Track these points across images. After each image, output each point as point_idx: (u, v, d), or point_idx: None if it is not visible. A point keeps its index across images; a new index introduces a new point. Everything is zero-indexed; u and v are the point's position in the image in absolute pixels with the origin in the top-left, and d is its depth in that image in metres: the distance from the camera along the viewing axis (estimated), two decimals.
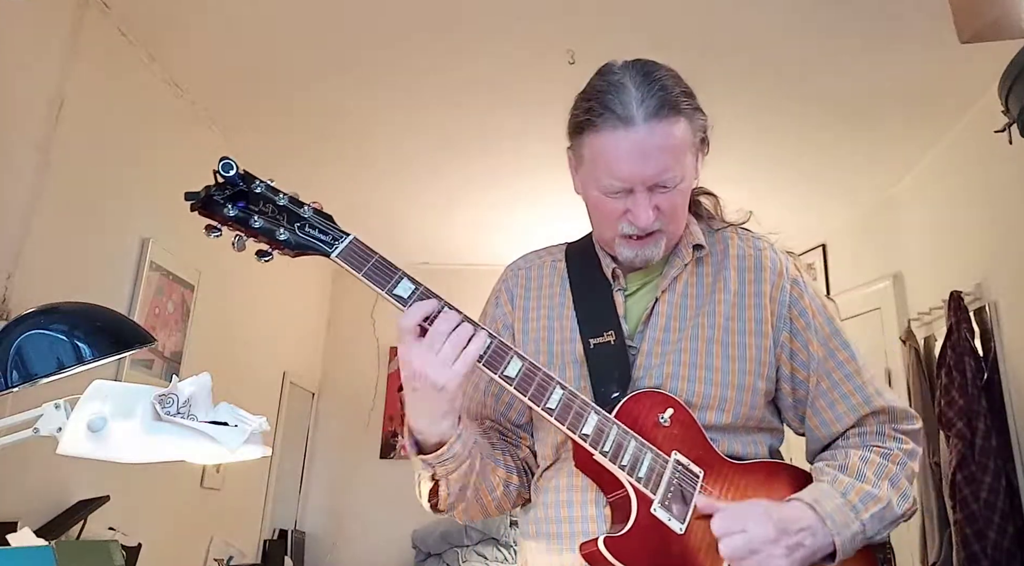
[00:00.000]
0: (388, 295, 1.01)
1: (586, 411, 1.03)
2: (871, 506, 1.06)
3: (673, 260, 1.18)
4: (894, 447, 1.13)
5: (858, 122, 3.16)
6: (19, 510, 2.21)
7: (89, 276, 2.58)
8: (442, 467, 1.05)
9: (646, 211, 1.07)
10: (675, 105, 1.07)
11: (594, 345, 1.14)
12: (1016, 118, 2.02)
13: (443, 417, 1.01)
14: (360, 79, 2.98)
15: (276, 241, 1.01)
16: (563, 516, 1.11)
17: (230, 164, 0.99)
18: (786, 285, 1.17)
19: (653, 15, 2.55)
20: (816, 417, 1.16)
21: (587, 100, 1.12)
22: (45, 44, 2.34)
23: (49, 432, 0.96)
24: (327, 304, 5.09)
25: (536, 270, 1.28)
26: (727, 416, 1.11)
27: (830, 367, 1.15)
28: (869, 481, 1.08)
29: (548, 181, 3.79)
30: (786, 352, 1.16)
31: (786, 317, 1.16)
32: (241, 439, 0.98)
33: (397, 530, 4.51)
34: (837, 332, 1.18)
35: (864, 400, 1.14)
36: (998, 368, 2.78)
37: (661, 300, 1.16)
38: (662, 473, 1.04)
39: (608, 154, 1.08)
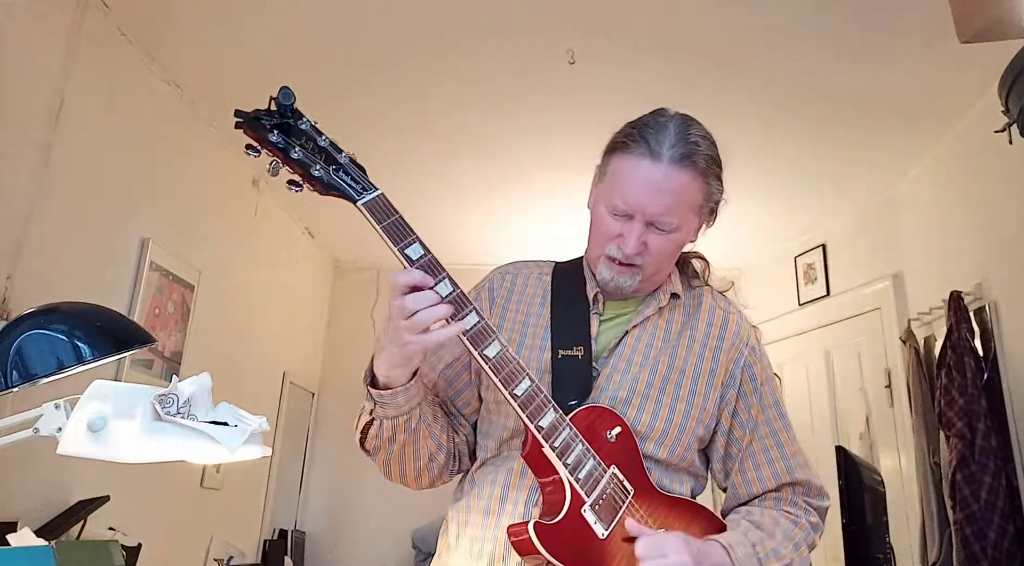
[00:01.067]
0: (399, 252, 1.06)
1: (546, 406, 1.11)
2: (774, 562, 1.16)
3: (650, 301, 1.29)
4: (803, 517, 1.24)
5: (858, 122, 3.16)
6: (19, 510, 2.21)
7: (89, 276, 2.58)
8: (380, 409, 1.13)
9: (636, 241, 1.17)
10: (697, 163, 1.17)
11: (562, 356, 1.22)
12: (1016, 118, 2.02)
13: (396, 366, 1.09)
14: (360, 80, 2.98)
15: (310, 175, 1.06)
16: (493, 509, 1.19)
17: (290, 94, 1.04)
18: (744, 349, 1.29)
19: (653, 16, 2.55)
20: (742, 475, 1.27)
21: (632, 128, 1.22)
22: (45, 44, 2.34)
23: (49, 432, 0.96)
24: (327, 304, 5.09)
25: (523, 278, 1.36)
26: (664, 451, 1.21)
27: (764, 432, 1.27)
28: (776, 539, 1.18)
29: (548, 182, 3.79)
30: (729, 409, 1.27)
31: (738, 377, 1.28)
32: (241, 439, 0.98)
33: (397, 530, 4.51)
34: (778, 403, 1.31)
35: (787, 469, 1.26)
36: (998, 368, 2.78)
37: (631, 333, 1.26)
38: (599, 480, 1.12)
39: (626, 176, 1.18)
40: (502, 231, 4.42)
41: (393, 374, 1.10)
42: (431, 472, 1.24)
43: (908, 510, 3.38)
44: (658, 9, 2.52)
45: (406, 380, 1.11)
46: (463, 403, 1.30)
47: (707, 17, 2.55)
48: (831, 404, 4.07)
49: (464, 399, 1.30)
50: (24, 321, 1.03)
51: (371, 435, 1.18)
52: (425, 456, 1.21)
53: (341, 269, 5.17)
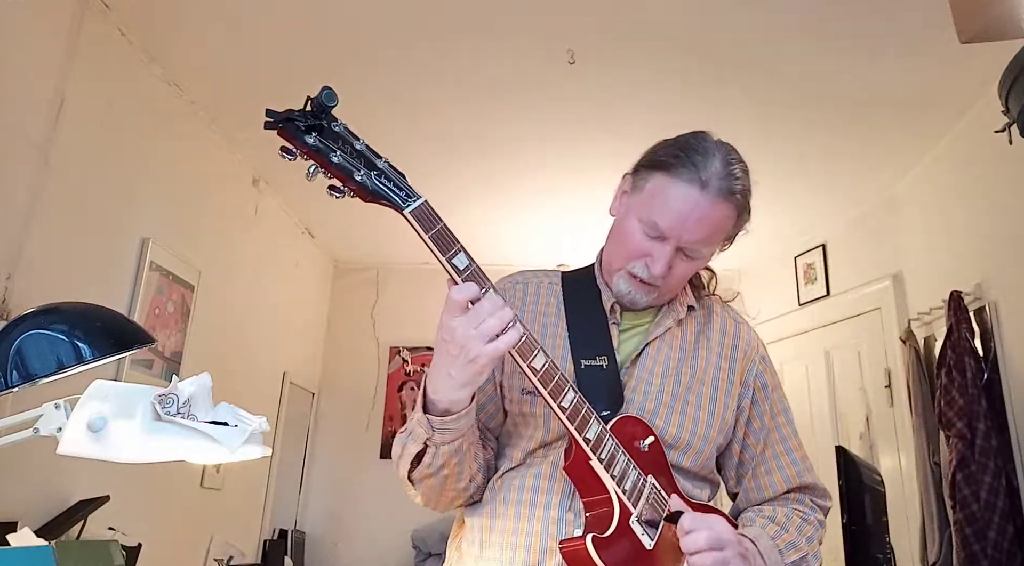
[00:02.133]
0: (447, 263, 1.03)
1: (591, 418, 1.10)
2: (793, 554, 1.19)
3: (667, 313, 1.30)
4: (811, 515, 1.29)
5: (858, 122, 3.16)
6: (19, 510, 2.21)
7: (89, 276, 2.58)
8: (440, 435, 1.09)
9: (664, 265, 1.17)
10: (737, 199, 1.19)
11: (585, 366, 1.21)
12: (1016, 118, 2.01)
13: (463, 387, 1.06)
14: (360, 80, 2.98)
15: (352, 181, 1.01)
16: (523, 514, 1.17)
17: (333, 95, 0.99)
18: (756, 359, 1.33)
19: (654, 16, 2.55)
20: (754, 481, 1.31)
21: (677, 148, 1.20)
22: (45, 44, 2.34)
23: (49, 432, 0.96)
24: (327, 304, 5.09)
25: (533, 287, 1.34)
26: (688, 460, 1.23)
27: (775, 439, 1.31)
28: (792, 534, 1.22)
29: (548, 182, 3.79)
30: (744, 417, 1.30)
31: (751, 387, 1.31)
32: (241, 439, 0.98)
33: (397, 530, 4.51)
34: (786, 410, 1.35)
35: (797, 474, 1.30)
36: (998, 368, 2.78)
37: (652, 345, 1.27)
38: (642, 490, 1.13)
39: (670, 199, 1.17)
40: (502, 231, 4.42)
41: (460, 396, 1.07)
42: (467, 493, 1.22)
43: (908, 510, 3.37)
44: (658, 9, 2.52)
45: (469, 402, 1.09)
46: (487, 416, 1.27)
47: (707, 18, 2.55)
48: (831, 404, 4.07)
49: (488, 412, 1.27)
50: (24, 321, 1.03)
51: (423, 464, 1.12)
52: (467, 477, 1.19)
53: (341, 269, 5.17)
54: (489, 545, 1.18)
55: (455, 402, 1.07)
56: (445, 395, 1.07)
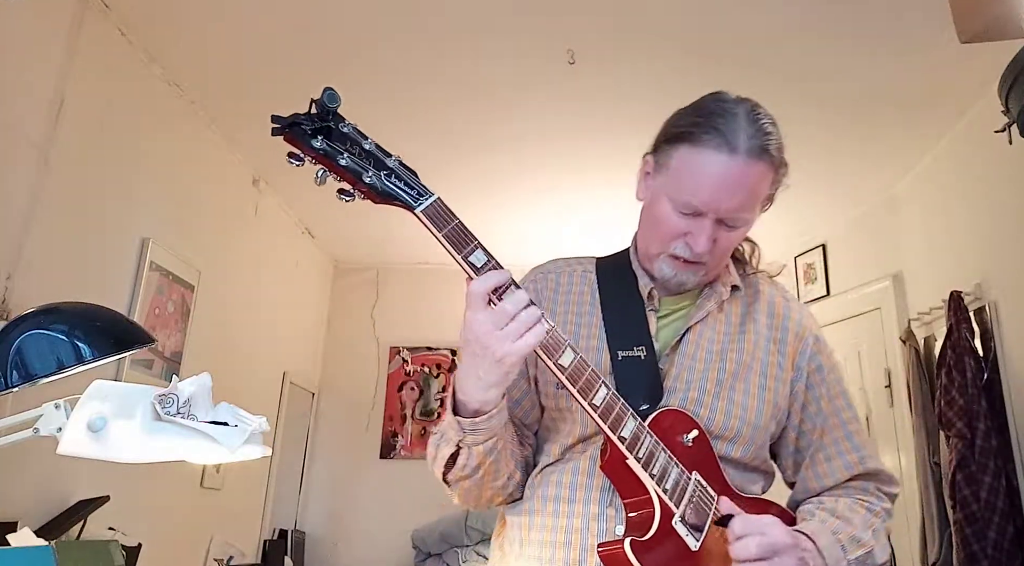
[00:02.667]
0: (463, 261, 1.00)
1: (625, 415, 1.04)
2: (857, 549, 1.11)
3: (709, 294, 1.21)
4: (877, 504, 1.20)
5: (858, 122, 3.16)
6: (19, 510, 2.21)
7: (89, 276, 2.58)
8: (472, 436, 1.05)
9: (707, 240, 1.10)
10: (771, 155, 1.11)
11: (622, 357, 1.15)
12: (1016, 118, 2.01)
13: (492, 387, 1.01)
14: (359, 80, 2.98)
15: (361, 183, 0.98)
16: (562, 510, 1.12)
17: (335, 95, 0.97)
18: (809, 339, 1.23)
19: (653, 16, 2.55)
20: (813, 469, 1.22)
21: (696, 115, 1.12)
22: (45, 44, 2.34)
23: (49, 432, 0.96)
24: (327, 304, 5.09)
25: (566, 276, 1.28)
26: (738, 450, 1.15)
27: (834, 424, 1.21)
28: (856, 527, 1.13)
29: (548, 182, 3.79)
30: (799, 402, 1.21)
31: (804, 370, 1.21)
32: (241, 439, 0.98)
33: (397, 530, 4.51)
34: (845, 393, 1.24)
35: (859, 460, 1.21)
36: (998, 368, 2.78)
37: (693, 330, 1.19)
38: (685, 488, 1.07)
39: (700, 171, 1.09)
40: (502, 230, 4.41)
41: (489, 396, 1.02)
42: (506, 491, 1.18)
43: (908, 510, 3.37)
44: (658, 9, 2.52)
45: (500, 400, 1.04)
46: (523, 413, 1.22)
47: (707, 18, 2.55)
48: None
49: (524, 409, 1.22)
50: (24, 321, 1.03)
51: (458, 466, 1.09)
52: (505, 475, 1.15)
53: (341, 269, 5.17)
54: (529, 543, 1.14)
55: (485, 402, 1.03)
56: (474, 396, 1.03)
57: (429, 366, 4.99)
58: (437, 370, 4.98)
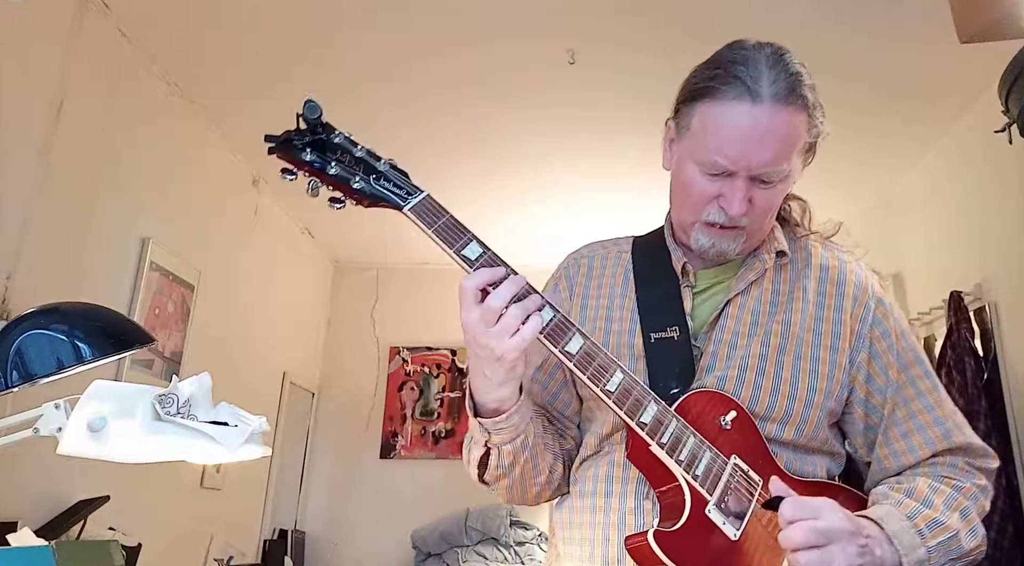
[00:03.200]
0: (456, 255, 0.98)
1: (645, 399, 0.98)
2: (938, 534, 0.98)
3: (752, 263, 1.11)
4: (967, 481, 1.06)
5: (858, 122, 3.16)
6: (19, 510, 2.21)
7: (89, 276, 2.58)
8: (497, 435, 1.02)
9: (741, 200, 1.00)
10: (803, 96, 1.00)
11: (655, 339, 1.08)
12: (1016, 118, 2.02)
13: (502, 385, 0.98)
14: (360, 80, 2.98)
15: (350, 189, 0.99)
16: (600, 505, 1.07)
17: (315, 106, 0.97)
18: (870, 303, 1.11)
19: (653, 15, 2.55)
20: (887, 447, 1.09)
21: (712, 67, 1.03)
22: (45, 44, 2.34)
23: (49, 432, 0.96)
24: (327, 304, 5.09)
25: (600, 259, 1.22)
26: (789, 431, 1.05)
27: (909, 396, 1.08)
28: (937, 509, 1.00)
29: (549, 181, 3.79)
30: (863, 374, 1.09)
31: (866, 337, 1.09)
32: (241, 439, 0.98)
33: (397, 530, 4.51)
34: (920, 360, 1.11)
35: (943, 434, 1.07)
36: (998, 368, 2.78)
37: (733, 302, 1.10)
38: (720, 474, 0.98)
39: (723, 126, 0.99)
40: (501, 230, 4.41)
41: (503, 394, 0.99)
42: (552, 485, 1.14)
43: None
44: (657, 9, 2.52)
45: (517, 396, 1.00)
46: (563, 404, 1.17)
47: (707, 18, 2.55)
48: None
49: (563, 400, 1.17)
50: (24, 321, 1.03)
51: (491, 466, 1.06)
52: (545, 470, 1.10)
53: (341, 269, 5.17)
54: (571, 541, 1.09)
55: (502, 400, 1.00)
56: (489, 395, 0.99)
57: (429, 366, 4.99)
58: (437, 370, 4.98)
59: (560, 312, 0.97)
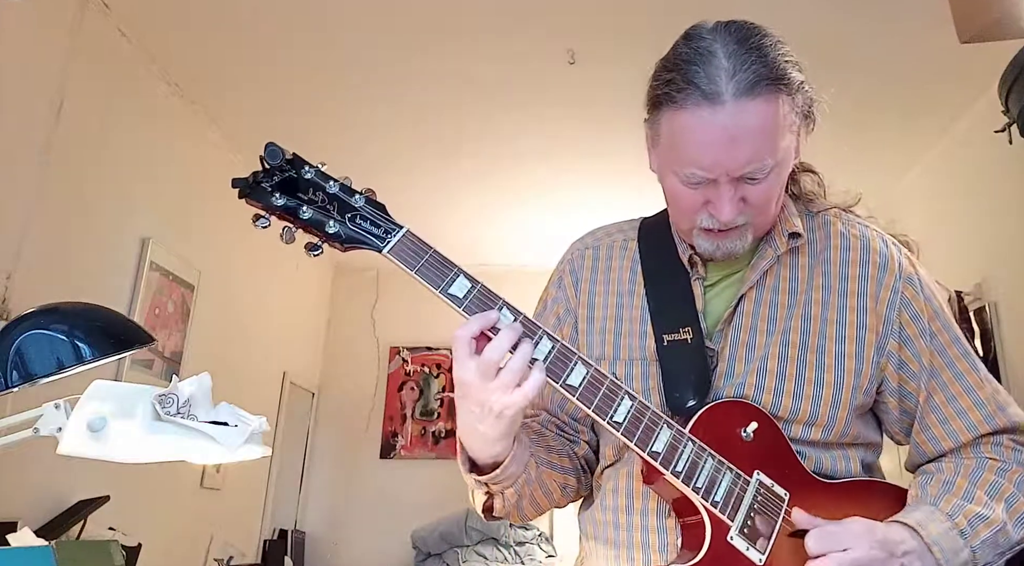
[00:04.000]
0: (442, 295, 0.93)
1: (658, 424, 0.91)
2: (982, 530, 0.92)
3: (764, 250, 1.03)
4: (1012, 460, 0.99)
5: (858, 123, 3.15)
6: (19, 510, 2.22)
7: (89, 276, 2.58)
8: (496, 485, 0.98)
9: (730, 205, 0.93)
10: (774, 78, 0.92)
11: (668, 342, 1.01)
12: (1016, 118, 2.02)
13: (497, 441, 0.92)
14: (360, 80, 2.98)
15: (326, 234, 0.93)
16: (621, 522, 1.02)
17: (276, 151, 0.91)
18: (898, 285, 1.02)
19: (653, 15, 2.55)
20: (925, 432, 1.03)
21: (668, 70, 0.95)
22: (45, 44, 2.34)
23: (49, 432, 0.96)
24: (327, 304, 5.09)
25: (605, 249, 1.14)
26: (818, 432, 0.98)
27: (946, 379, 1.01)
28: (980, 501, 0.94)
29: (548, 180, 3.79)
30: (894, 362, 1.01)
31: (895, 322, 1.01)
32: (241, 439, 0.98)
33: (397, 530, 4.51)
34: (957, 340, 1.02)
35: (984, 417, 1.00)
36: (998, 368, 2.78)
37: (747, 297, 1.02)
38: (742, 496, 0.92)
39: (689, 138, 0.92)
40: (501, 230, 4.42)
41: (496, 450, 0.92)
42: (568, 495, 1.10)
43: None
44: (657, 10, 2.52)
45: (511, 447, 0.94)
46: (573, 409, 1.09)
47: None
48: None
49: (572, 406, 1.07)
50: (24, 321, 1.03)
51: (497, 508, 1.01)
52: (557, 490, 1.06)
53: (341, 269, 5.17)
54: (596, 555, 1.05)
55: (497, 455, 0.93)
56: (483, 452, 0.93)
57: (429, 366, 4.99)
58: (437, 370, 4.98)
59: (558, 342, 0.91)
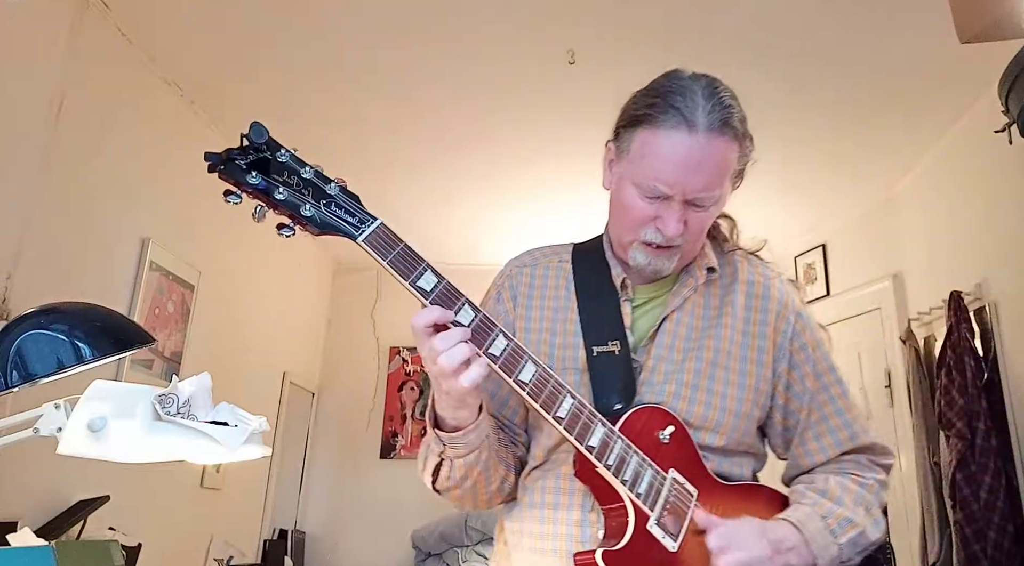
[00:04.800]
0: (411, 286, 0.98)
1: (593, 422, 1.03)
2: (848, 531, 1.10)
3: (685, 279, 1.19)
4: (871, 477, 1.18)
5: (858, 122, 3.16)
6: (19, 510, 2.21)
7: (89, 276, 2.58)
8: (452, 449, 1.06)
9: (677, 223, 1.07)
10: (733, 127, 1.09)
11: (597, 353, 1.13)
12: (1016, 118, 2.02)
13: (458, 409, 1.02)
14: (359, 80, 2.98)
15: (300, 216, 0.98)
16: (548, 517, 1.12)
17: (262, 130, 0.94)
18: (790, 317, 1.20)
19: (653, 16, 2.55)
20: (803, 447, 1.21)
21: (651, 96, 1.11)
22: (45, 44, 2.34)
23: (49, 432, 0.96)
24: (327, 304, 5.09)
25: (542, 268, 1.26)
26: (721, 439, 1.13)
27: (822, 400, 1.20)
28: (847, 507, 1.12)
29: (548, 181, 3.79)
30: (783, 383, 1.19)
31: (787, 349, 1.19)
32: (241, 439, 0.98)
33: (397, 530, 4.51)
34: (832, 368, 1.22)
35: (851, 436, 1.19)
36: (998, 368, 2.78)
37: (670, 318, 1.17)
38: (660, 490, 1.05)
39: (662, 153, 1.06)
40: (501, 230, 4.42)
41: (460, 416, 1.03)
42: (503, 492, 1.18)
43: (908, 510, 3.37)
44: (657, 10, 2.52)
45: (475, 417, 1.04)
46: (511, 412, 1.20)
47: (707, 19, 2.55)
48: None
49: (511, 408, 1.20)
50: (24, 321, 1.03)
51: (442, 476, 1.10)
52: (497, 480, 1.14)
53: (341, 269, 5.17)
54: (521, 548, 1.14)
55: (459, 420, 1.03)
56: (447, 414, 1.03)
57: None
58: None
59: (513, 340, 1.00)
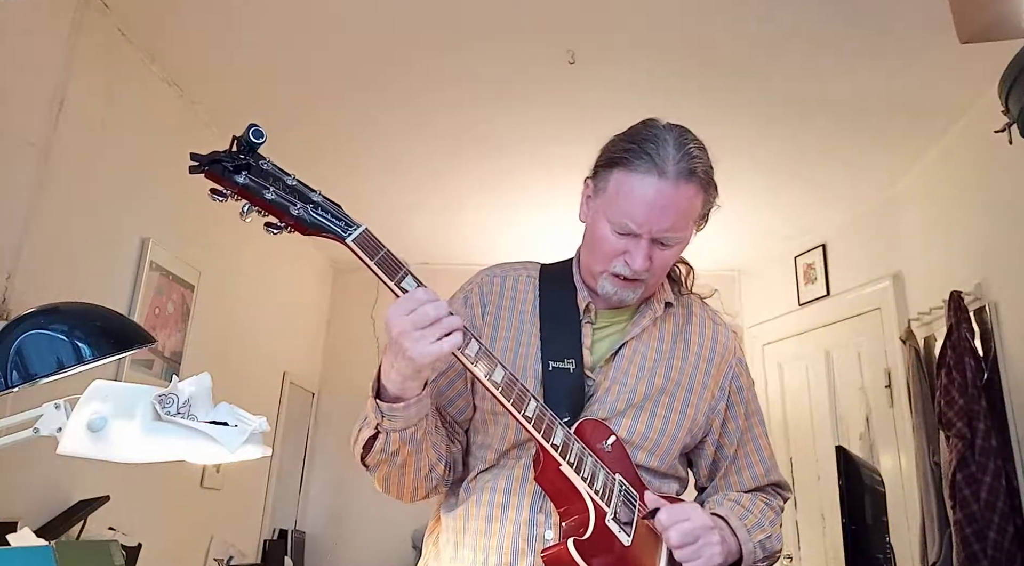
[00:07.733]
0: (395, 286, 1.05)
1: (555, 424, 1.12)
2: (759, 534, 1.24)
3: (645, 310, 1.31)
4: (774, 501, 1.35)
5: (858, 122, 3.16)
6: (19, 510, 2.21)
7: (89, 276, 2.58)
8: (390, 421, 1.09)
9: (644, 259, 1.18)
10: (699, 176, 1.18)
11: (552, 368, 1.22)
12: (1016, 118, 2.01)
13: (408, 379, 1.06)
14: (361, 81, 2.98)
15: (289, 216, 1.03)
16: (496, 515, 1.19)
17: (261, 132, 0.98)
18: (733, 362, 1.36)
19: (653, 17, 2.55)
20: (725, 479, 1.35)
21: (628, 141, 1.20)
22: (45, 44, 2.34)
23: (49, 432, 0.96)
24: (327, 304, 5.09)
25: (511, 281, 1.34)
26: (654, 459, 1.25)
27: (748, 439, 1.36)
28: (756, 516, 1.27)
29: (548, 181, 3.79)
30: (719, 420, 1.33)
31: (727, 390, 1.34)
32: (241, 439, 0.98)
33: (397, 530, 4.51)
34: (759, 411, 1.40)
35: (766, 472, 1.36)
36: (998, 368, 2.78)
37: (628, 345, 1.28)
38: (612, 488, 1.15)
39: (633, 194, 1.17)
40: (501, 230, 4.42)
41: (407, 387, 1.07)
42: (428, 484, 1.22)
43: (908, 510, 3.37)
44: (657, 10, 2.52)
45: (419, 391, 1.09)
46: (457, 411, 1.27)
47: (706, 18, 2.55)
48: (831, 404, 4.07)
49: (459, 407, 1.27)
50: (24, 321, 1.03)
51: (375, 449, 1.13)
52: (426, 467, 1.18)
53: (341, 269, 5.17)
54: (463, 545, 1.20)
55: (404, 390, 1.07)
56: (393, 384, 1.07)
57: None
58: None
59: (484, 345, 1.08)
